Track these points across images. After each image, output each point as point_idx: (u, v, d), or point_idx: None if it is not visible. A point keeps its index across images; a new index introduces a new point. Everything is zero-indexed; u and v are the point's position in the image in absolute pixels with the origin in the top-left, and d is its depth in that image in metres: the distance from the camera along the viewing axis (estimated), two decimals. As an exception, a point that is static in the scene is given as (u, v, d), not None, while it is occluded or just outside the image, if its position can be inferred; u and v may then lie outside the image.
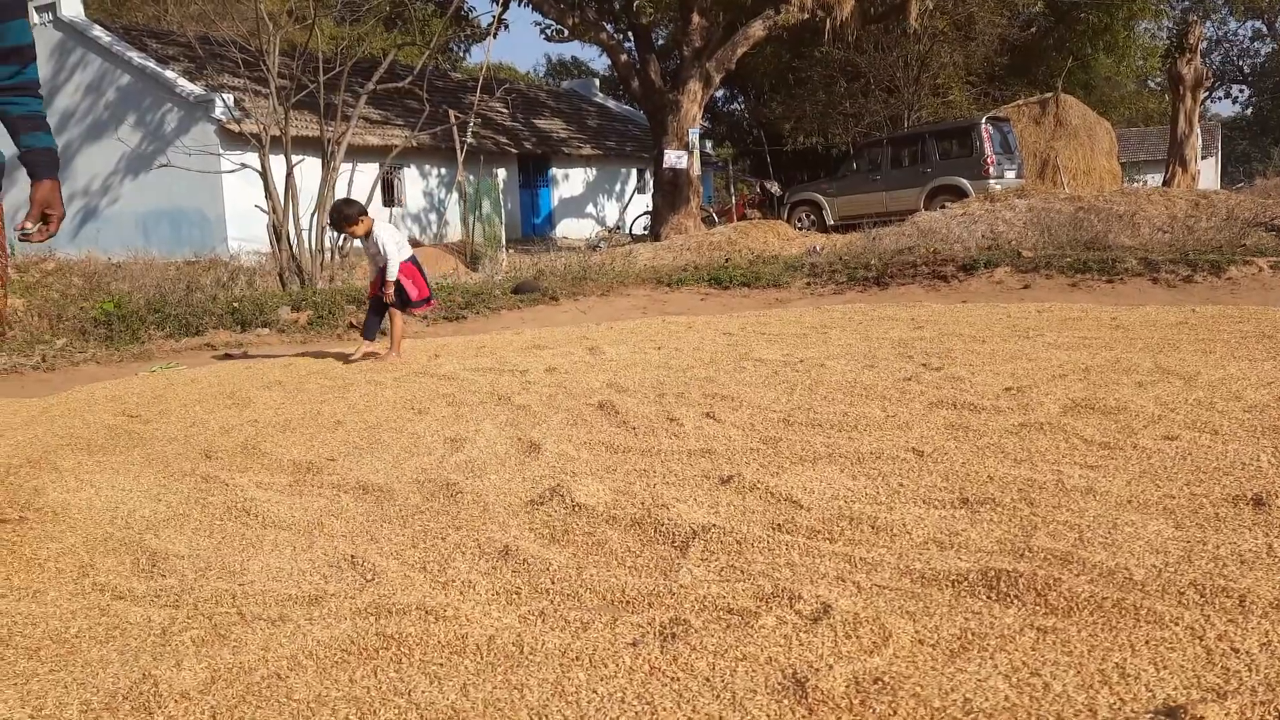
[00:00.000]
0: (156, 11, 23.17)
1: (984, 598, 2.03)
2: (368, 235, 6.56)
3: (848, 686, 1.68)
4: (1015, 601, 1.99)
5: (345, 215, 6.59)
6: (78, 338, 7.75)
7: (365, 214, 6.60)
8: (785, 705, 1.65)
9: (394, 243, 6.53)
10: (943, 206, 15.59)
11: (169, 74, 17.43)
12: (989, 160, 17.34)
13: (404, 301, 6.60)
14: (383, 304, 6.59)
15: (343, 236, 11.62)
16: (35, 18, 19.01)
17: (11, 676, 1.99)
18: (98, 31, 18.48)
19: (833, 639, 1.88)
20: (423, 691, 1.82)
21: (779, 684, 1.73)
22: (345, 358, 6.62)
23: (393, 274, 6.45)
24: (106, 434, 4.43)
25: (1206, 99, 46.33)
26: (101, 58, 18.25)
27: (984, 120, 18.13)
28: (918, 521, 2.52)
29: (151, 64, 17.72)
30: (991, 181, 17.00)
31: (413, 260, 6.69)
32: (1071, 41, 26.47)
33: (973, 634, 1.86)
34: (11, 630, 2.24)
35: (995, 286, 8.49)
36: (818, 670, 1.75)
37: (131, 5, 26.68)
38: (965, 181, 17.22)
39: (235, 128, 14.75)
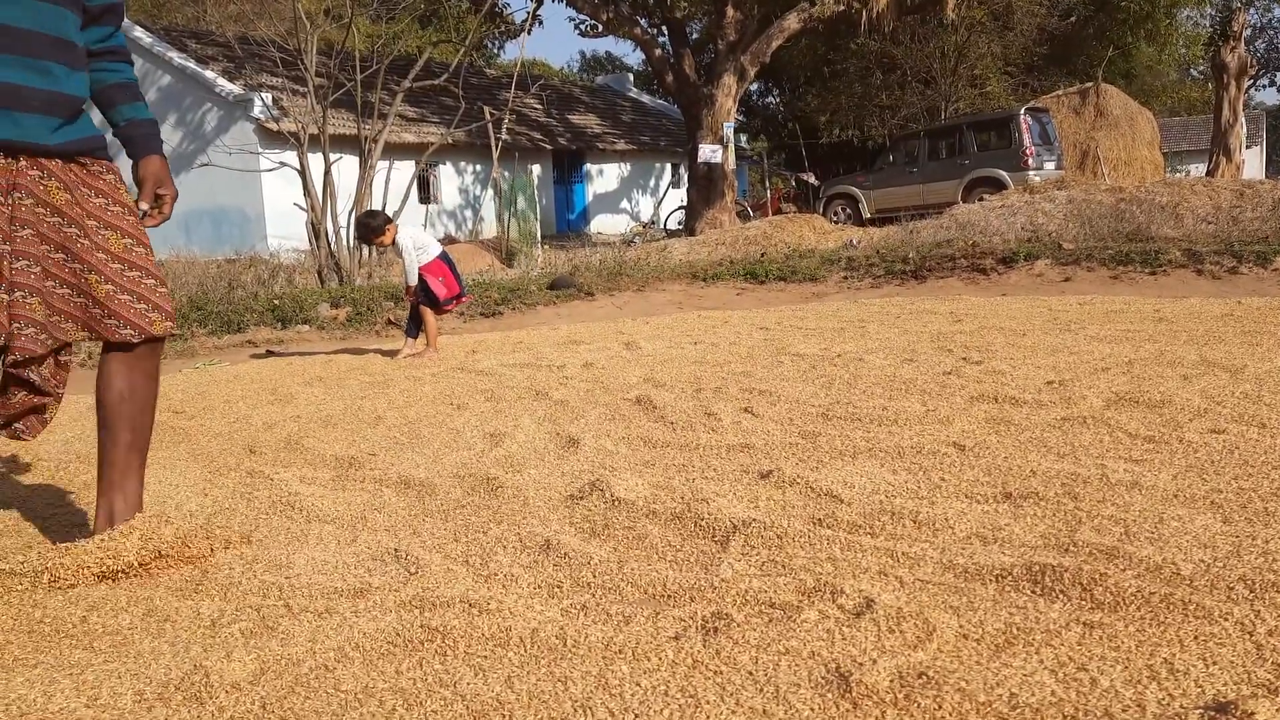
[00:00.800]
0: (196, 12, 23.46)
1: (1029, 593, 2.01)
2: (393, 244, 6.68)
3: (891, 681, 1.68)
4: (1060, 596, 1.98)
5: (371, 228, 6.71)
6: (123, 335, 7.87)
7: (390, 223, 6.68)
8: (829, 699, 1.65)
9: (414, 247, 6.61)
10: (981, 199, 15.44)
11: (209, 74, 17.64)
12: (1028, 151, 17.15)
13: (433, 301, 6.67)
14: (414, 304, 6.69)
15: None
16: (78, 20, 19.34)
17: (67, 667, 2.03)
18: (139, 33, 18.73)
19: (876, 633, 1.88)
20: (467, 683, 1.84)
21: (822, 678, 1.72)
22: (385, 353, 6.69)
23: (412, 279, 6.58)
24: (153, 430, 4.49)
25: (1250, 87, 45.50)
26: (143, 58, 18.50)
27: (1023, 111, 17.93)
28: (960, 516, 2.50)
29: (191, 64, 17.95)
30: (1030, 173, 16.82)
31: (443, 257, 6.76)
32: (1112, 30, 26.11)
33: (1018, 629, 1.85)
34: (65, 623, 2.29)
35: (1035, 279, 8.40)
36: (861, 664, 1.75)
37: (171, 6, 27.03)
38: (1004, 173, 17.05)
39: (274, 127, 14.92)
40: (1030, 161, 17.08)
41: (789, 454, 3.27)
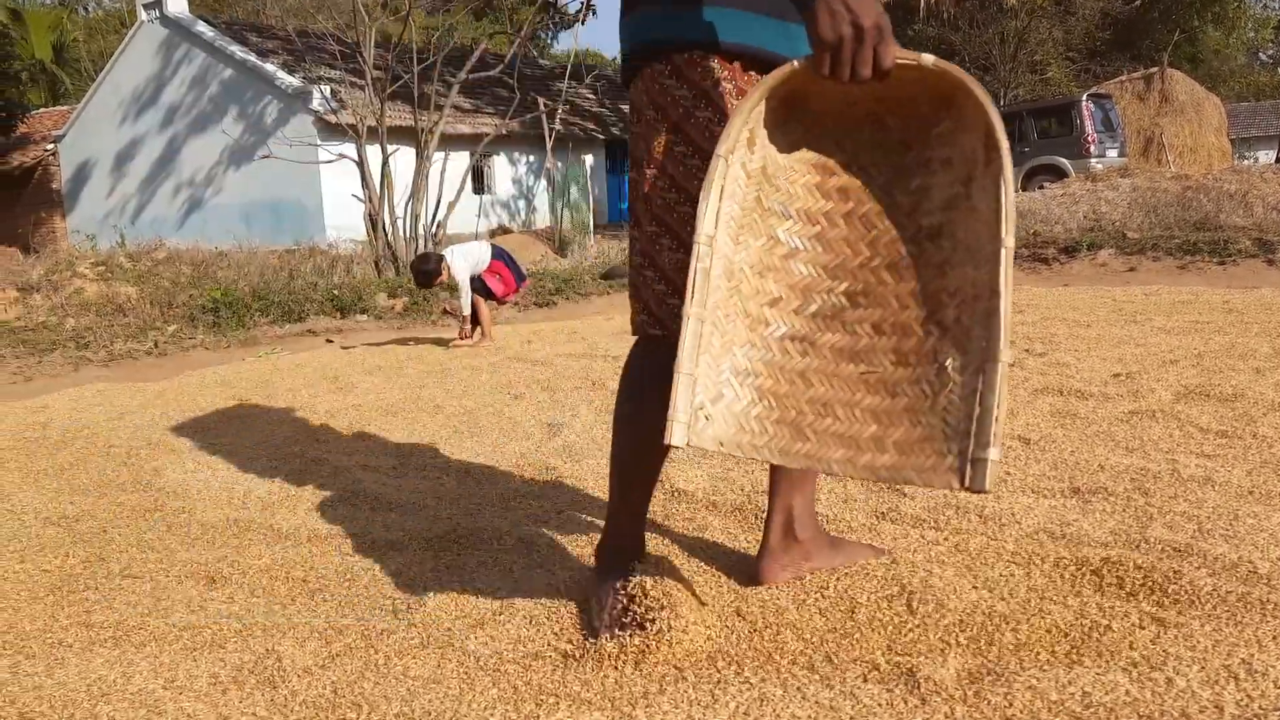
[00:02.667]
0: (256, 5, 23.80)
1: (1100, 590, 1.98)
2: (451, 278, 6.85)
3: (960, 677, 1.66)
4: (1133, 594, 1.94)
5: (427, 272, 6.84)
6: (187, 324, 8.03)
7: (442, 260, 6.82)
8: (896, 694, 1.64)
9: (466, 271, 6.75)
10: (1041, 187, 15.17)
11: (269, 67, 17.90)
12: (1090, 138, 16.82)
13: (488, 295, 6.87)
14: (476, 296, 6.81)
15: (436, 225, 11.84)
16: (143, 15, 19.71)
17: (144, 654, 2.08)
18: (201, 27, 19.05)
19: (942, 629, 1.86)
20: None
21: (889, 673, 1.71)
22: (441, 342, 6.77)
23: (467, 310, 6.75)
24: (219, 417, 4.59)
25: (1323, 71, 44.09)
26: (205, 52, 18.82)
27: (1084, 97, 17.57)
28: (1027, 511, 2.47)
29: (252, 58, 18.22)
30: (1093, 160, 16.49)
31: (496, 255, 6.89)
32: (1178, 14, 25.49)
33: (1090, 627, 1.82)
34: (141, 609, 2.35)
35: (1099, 269, 8.24)
36: (929, 661, 1.73)
37: (231, 0, 27.47)
38: (1065, 161, 16.73)
39: (332, 119, 15.10)
40: (1092, 149, 16.74)
41: (849, 446, 3.24)
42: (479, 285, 6.78)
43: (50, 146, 22.14)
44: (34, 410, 5.10)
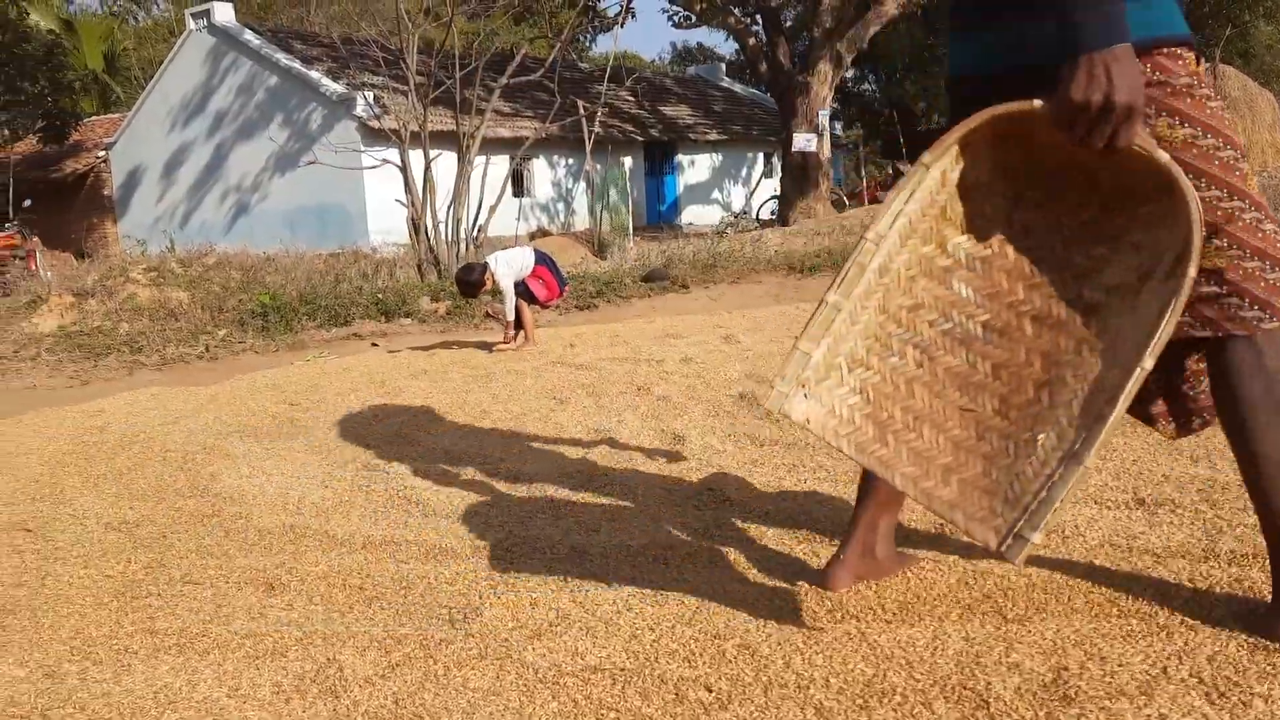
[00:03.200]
0: (301, 13, 24.08)
1: (1172, 605, 1.94)
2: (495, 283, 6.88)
3: (1030, 697, 1.64)
4: (1207, 610, 1.90)
5: (472, 283, 6.90)
6: (237, 329, 8.13)
7: (486, 270, 6.85)
8: (965, 712, 1.62)
9: (509, 276, 6.76)
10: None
11: (313, 74, 18.10)
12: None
13: (531, 299, 6.89)
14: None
15: (477, 228, 11.90)
16: (190, 23, 20.01)
17: (208, 661, 2.10)
18: (248, 35, 19.31)
19: (1006, 647, 1.83)
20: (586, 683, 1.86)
21: (956, 691, 1.69)
22: (484, 346, 6.79)
23: (511, 316, 6.77)
24: (271, 421, 4.64)
25: (1378, 65, 43.11)
26: (252, 60, 19.07)
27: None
28: (1090, 523, 2.42)
29: (297, 65, 18.43)
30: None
31: (539, 260, 6.91)
32: (1229, 9, 25.02)
33: (1163, 644, 1.78)
34: (203, 616, 2.38)
35: (1149, 271, 8.11)
36: (996, 678, 1.71)
37: (277, 8, 27.80)
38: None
39: (376, 125, 15.24)
40: (1141, 147, 16.48)
41: (903, 454, 3.21)
42: (522, 290, 6.81)
43: (102, 154, 22.55)
44: (91, 414, 5.19)
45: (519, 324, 6.85)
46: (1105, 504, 2.58)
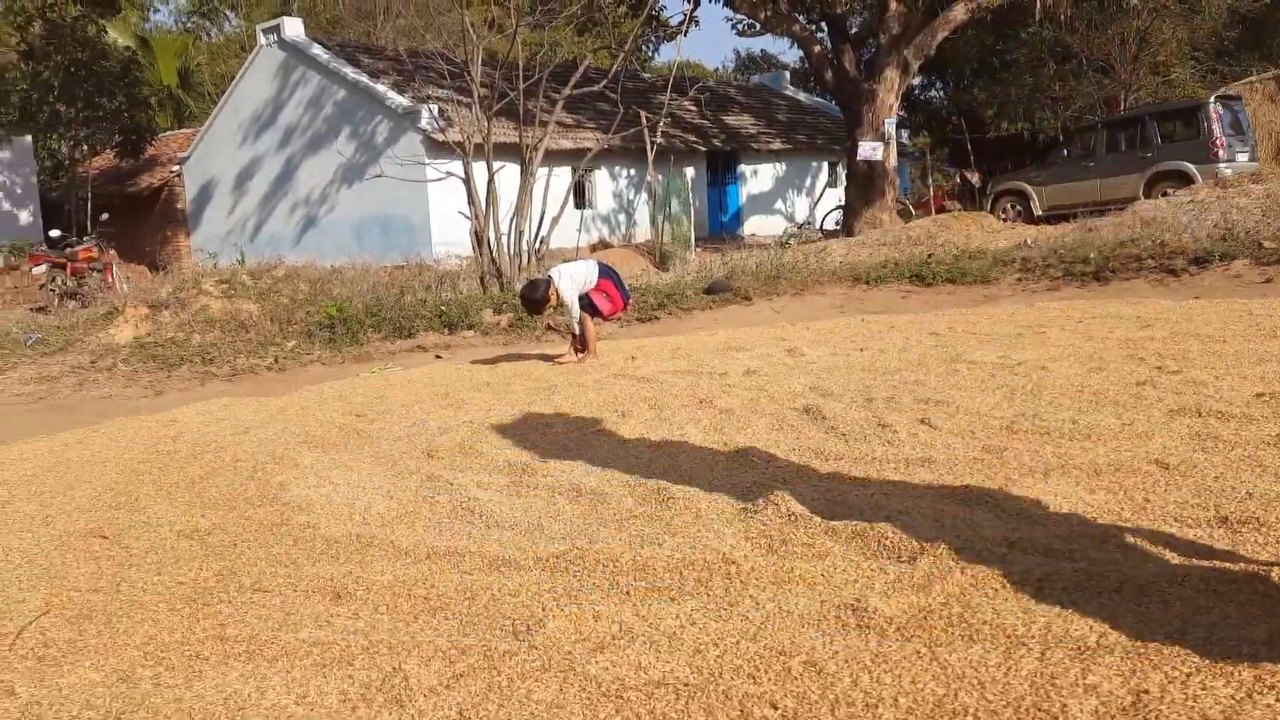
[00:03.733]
0: (368, 27, 24.51)
1: (1256, 629, 1.86)
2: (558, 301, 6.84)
3: (1112, 717, 1.58)
4: (1294, 635, 1.82)
5: (536, 300, 6.81)
6: (305, 340, 8.27)
7: (550, 284, 6.79)
8: (1041, 738, 1.57)
9: (573, 291, 6.73)
10: (1165, 194, 14.56)
11: (380, 87, 18.38)
12: (1218, 142, 16.08)
13: (594, 312, 6.86)
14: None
15: (539, 240, 11.97)
16: (261, 39, 20.47)
17: (276, 668, 2.13)
18: (316, 50, 19.69)
19: (1082, 668, 1.77)
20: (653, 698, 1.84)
21: (1030, 713, 1.64)
22: (547, 358, 6.81)
23: (575, 327, 6.76)
24: (338, 432, 4.70)
25: None
26: (320, 74, 19.44)
27: (1212, 99, 16.83)
28: (1170, 542, 2.34)
29: (364, 78, 18.73)
30: (1221, 165, 15.77)
31: (603, 273, 6.85)
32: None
33: (1247, 669, 1.71)
34: (271, 624, 2.40)
35: (1232, 281, 7.86)
36: (1073, 700, 1.65)
37: (345, 23, 28.32)
38: (1191, 166, 16.04)
39: (440, 137, 15.42)
40: (1221, 153, 16.00)
41: (974, 470, 3.14)
42: (586, 303, 6.81)
43: (176, 168, 23.15)
44: (164, 424, 5.31)
45: (582, 337, 6.86)
46: (1186, 522, 2.49)
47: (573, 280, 6.79)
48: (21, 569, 2.99)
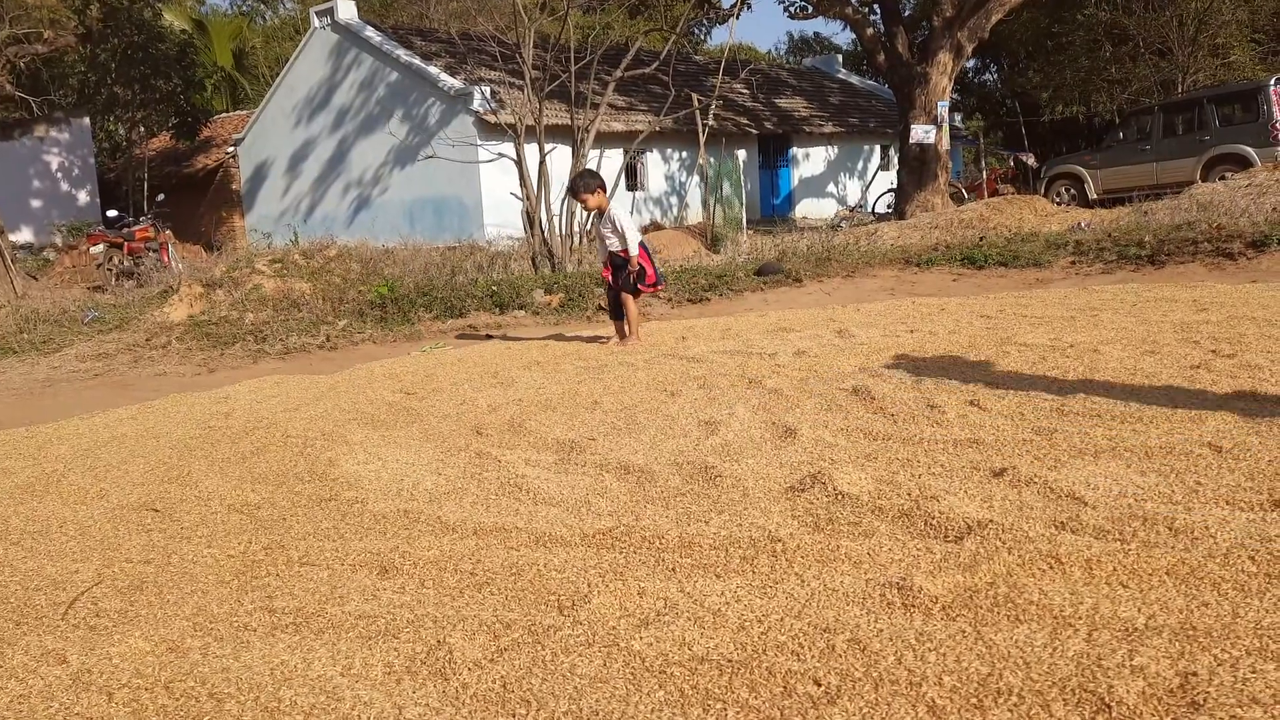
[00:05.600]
0: (421, 9, 24.63)
1: (1312, 615, 1.82)
2: (600, 213, 6.72)
3: (1155, 703, 1.56)
4: (1352, 621, 1.78)
5: (585, 184, 6.76)
6: (356, 319, 8.37)
7: (604, 188, 6.75)
8: (1085, 715, 1.55)
9: (631, 222, 6.66)
10: (1223, 177, 14.23)
11: (432, 69, 18.47)
12: (1278, 125, 15.68)
13: (638, 281, 6.66)
14: (616, 289, 6.72)
15: (589, 218, 11.98)
16: (315, 21, 20.66)
17: (323, 640, 2.16)
18: (369, 32, 19.83)
19: (1130, 649, 1.74)
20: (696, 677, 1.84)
21: (1076, 694, 1.62)
22: (597, 339, 6.81)
23: (634, 248, 6.56)
24: (387, 410, 4.75)
25: None
26: (373, 56, 19.59)
27: (1273, 81, 16.39)
28: (1222, 525, 2.30)
29: (417, 61, 18.84)
30: (1281, 148, 15.37)
31: (642, 245, 6.80)
32: None
33: (1303, 655, 1.67)
34: (319, 596, 2.44)
35: (1291, 265, 7.67)
36: (1119, 681, 1.63)
37: (398, 6, 28.49)
38: (1250, 149, 15.65)
39: (492, 119, 15.48)
40: (1281, 136, 15.60)
41: (1023, 451, 3.10)
42: (626, 282, 6.69)
43: (231, 149, 23.50)
44: (217, 400, 5.41)
45: (625, 319, 6.77)
46: (1239, 505, 2.44)
47: (628, 215, 6.78)
48: (75, 540, 3.07)
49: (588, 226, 12.03)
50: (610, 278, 6.77)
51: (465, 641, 2.05)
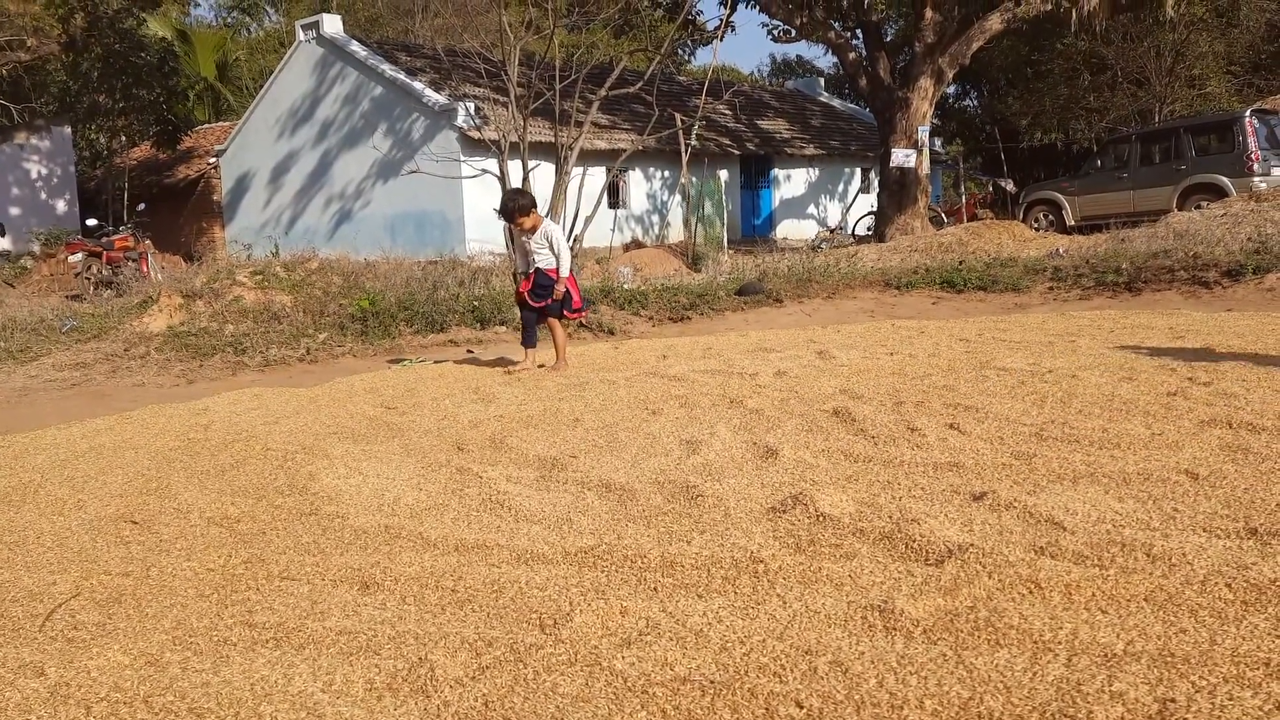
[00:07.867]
0: (406, 25, 24.66)
1: (1287, 642, 1.84)
2: (534, 230, 6.17)
3: (1136, 729, 1.57)
4: (1326, 649, 1.80)
5: (519, 206, 6.15)
6: (337, 332, 8.34)
7: (535, 205, 6.26)
8: (1066, 743, 1.56)
9: (564, 242, 6.24)
10: (1198, 206, 14.42)
11: (417, 85, 18.48)
12: (1253, 156, 15.89)
13: (562, 306, 6.30)
14: (535, 311, 6.35)
15: (573, 239, 11.99)
16: (301, 35, 20.65)
17: (303, 656, 2.15)
18: (355, 46, 19.83)
19: (1109, 675, 1.76)
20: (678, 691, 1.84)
21: (1055, 719, 1.63)
22: (540, 365, 6.38)
23: (566, 270, 6.17)
24: (368, 424, 4.74)
25: None
26: (358, 70, 19.58)
27: (1248, 113, 16.64)
28: (1199, 551, 2.32)
29: (402, 75, 18.84)
30: (1256, 179, 15.58)
31: (571, 270, 6.38)
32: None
33: (1277, 683, 1.69)
34: (299, 612, 2.43)
35: (1266, 294, 7.77)
36: (1098, 707, 1.64)
37: (383, 21, 28.52)
38: (1225, 179, 15.86)
39: (476, 135, 15.50)
40: (1256, 167, 15.81)
41: (1002, 475, 3.13)
42: (555, 309, 6.31)
43: (213, 160, 23.39)
44: (196, 412, 5.37)
45: (536, 334, 6.45)
46: (1215, 532, 2.47)
47: (562, 233, 6.36)
48: (53, 552, 3.04)
49: (571, 243, 12.03)
50: (529, 297, 6.31)
51: (447, 659, 2.05)
